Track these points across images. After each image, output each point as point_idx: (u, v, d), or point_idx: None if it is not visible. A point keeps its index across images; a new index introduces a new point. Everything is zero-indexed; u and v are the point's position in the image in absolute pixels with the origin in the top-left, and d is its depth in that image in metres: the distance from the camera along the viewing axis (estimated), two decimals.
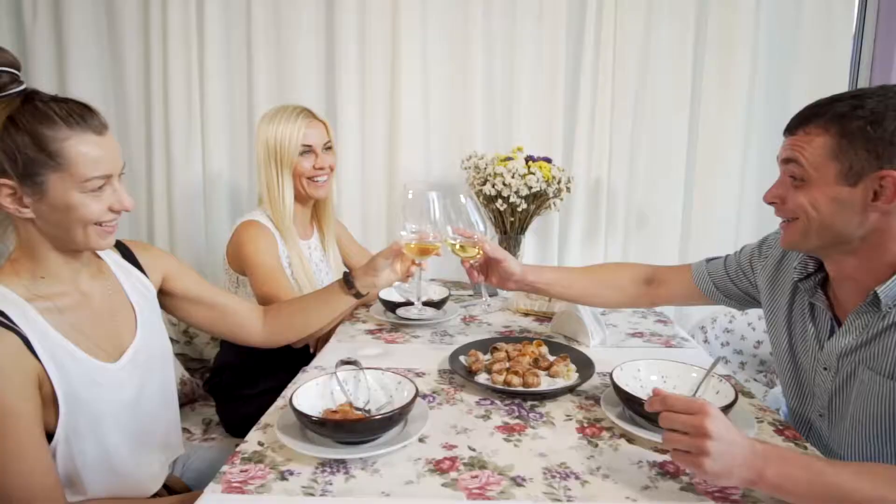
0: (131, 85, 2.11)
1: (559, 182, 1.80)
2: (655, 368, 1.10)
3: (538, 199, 1.83)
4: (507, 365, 1.19)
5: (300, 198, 1.59)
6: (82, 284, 0.98)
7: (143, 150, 2.12)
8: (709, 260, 1.31)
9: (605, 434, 0.97)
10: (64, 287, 0.94)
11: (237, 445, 1.53)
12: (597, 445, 0.94)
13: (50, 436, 0.89)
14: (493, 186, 1.77)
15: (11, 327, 0.84)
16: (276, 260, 1.50)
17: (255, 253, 1.47)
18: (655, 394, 0.82)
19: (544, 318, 1.62)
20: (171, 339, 1.33)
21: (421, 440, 0.93)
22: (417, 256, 1.25)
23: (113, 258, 1.07)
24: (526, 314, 1.66)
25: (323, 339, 1.58)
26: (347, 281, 1.28)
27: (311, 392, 0.98)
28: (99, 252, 1.05)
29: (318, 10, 2.05)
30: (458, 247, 1.27)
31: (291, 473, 0.84)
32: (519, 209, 1.80)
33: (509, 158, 1.84)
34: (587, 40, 2.02)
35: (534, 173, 1.76)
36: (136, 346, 1.02)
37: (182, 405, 1.57)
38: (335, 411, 0.95)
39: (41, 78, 2.06)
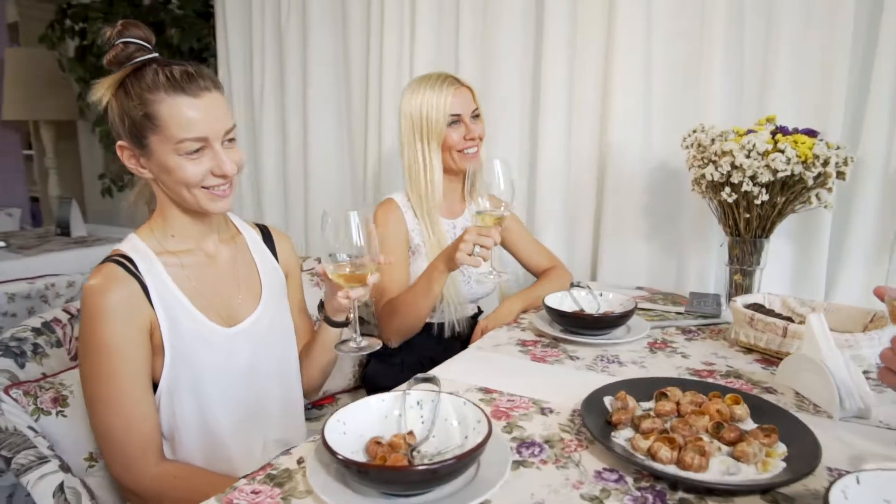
0: (354, 81, 2.20)
1: (825, 164, 1.23)
2: None
3: (791, 188, 1.29)
4: (668, 424, 0.80)
5: (450, 171, 1.43)
6: (208, 246, 1.02)
7: (362, 143, 2.19)
8: None
9: None
10: (189, 246, 0.99)
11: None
12: None
13: (156, 387, 0.93)
14: (718, 169, 1.30)
15: (135, 274, 0.90)
16: (397, 247, 1.36)
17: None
18: None
19: (775, 358, 1.12)
20: None
21: None
22: (346, 284, 0.92)
23: (252, 236, 1.11)
24: (749, 349, 1.17)
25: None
26: (322, 304, 1.11)
27: (372, 409, 0.78)
28: (239, 226, 1.11)
29: None
30: None
31: None
32: (758, 201, 1.29)
33: (751, 131, 1.34)
34: None
35: (782, 150, 1.23)
36: (256, 317, 1.03)
37: None
38: (380, 443, 0.72)
39: (292, 74, 2.30)
